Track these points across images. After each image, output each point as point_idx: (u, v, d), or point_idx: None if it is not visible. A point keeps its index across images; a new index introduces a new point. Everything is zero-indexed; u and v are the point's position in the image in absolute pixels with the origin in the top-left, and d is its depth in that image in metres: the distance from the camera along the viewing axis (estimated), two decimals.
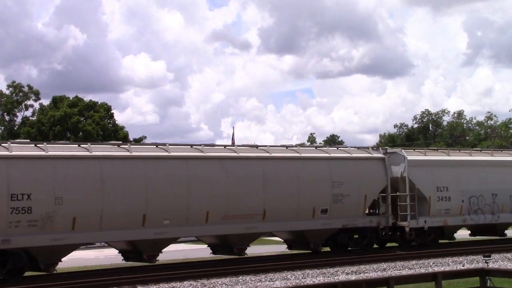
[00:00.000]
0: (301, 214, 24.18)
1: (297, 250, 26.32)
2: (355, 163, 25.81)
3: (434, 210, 27.10)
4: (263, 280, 19.12)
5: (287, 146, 26.08)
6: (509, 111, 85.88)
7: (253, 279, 19.28)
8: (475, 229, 30.65)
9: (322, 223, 24.61)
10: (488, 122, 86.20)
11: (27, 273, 20.35)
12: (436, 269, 20.55)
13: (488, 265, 19.28)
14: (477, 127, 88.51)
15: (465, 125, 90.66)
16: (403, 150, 27.47)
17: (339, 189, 24.93)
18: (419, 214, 26.64)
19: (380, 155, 26.85)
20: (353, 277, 19.36)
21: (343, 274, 20.03)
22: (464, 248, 25.80)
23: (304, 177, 24.30)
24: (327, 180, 24.78)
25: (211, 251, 24.73)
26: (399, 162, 27.01)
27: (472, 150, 31.40)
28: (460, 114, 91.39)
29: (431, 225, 27.01)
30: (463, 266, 21.42)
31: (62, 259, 20.38)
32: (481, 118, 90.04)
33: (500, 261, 22.11)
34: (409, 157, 26.94)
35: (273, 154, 24.04)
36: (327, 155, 25.56)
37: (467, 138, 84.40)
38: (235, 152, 23.46)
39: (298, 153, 24.88)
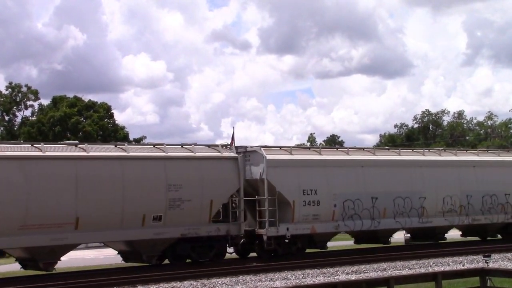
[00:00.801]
0: (128, 222, 21.28)
1: (134, 262, 23.51)
2: (198, 164, 23.01)
3: (299, 216, 24.11)
4: (263, 280, 19.13)
5: (154, 145, 23.41)
6: (510, 110, 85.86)
7: (253, 279, 19.29)
8: (356, 236, 28.18)
9: (155, 232, 21.82)
10: (488, 122, 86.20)
11: (26, 273, 20.36)
12: (436, 269, 20.55)
13: (488, 265, 19.28)
14: (477, 127, 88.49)
15: (465, 125, 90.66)
16: (262, 149, 24.44)
17: (177, 193, 22.13)
18: (281, 221, 23.85)
19: (231, 155, 23.99)
20: (353, 277, 19.37)
21: (343, 274, 20.04)
22: (464, 248, 25.81)
23: (130, 180, 21.45)
24: (162, 182, 21.97)
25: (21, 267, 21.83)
26: (258, 162, 24.17)
27: (350, 149, 27.71)
28: (460, 114, 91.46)
29: (295, 232, 24.09)
30: (463, 266, 21.42)
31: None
32: (481, 118, 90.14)
33: (500, 261, 22.11)
34: (269, 157, 24.03)
35: (90, 153, 21.16)
36: (162, 154, 22.56)
37: (467, 138, 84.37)
38: (41, 151, 20.52)
39: (125, 151, 22.05)
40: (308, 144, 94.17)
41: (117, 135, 63.88)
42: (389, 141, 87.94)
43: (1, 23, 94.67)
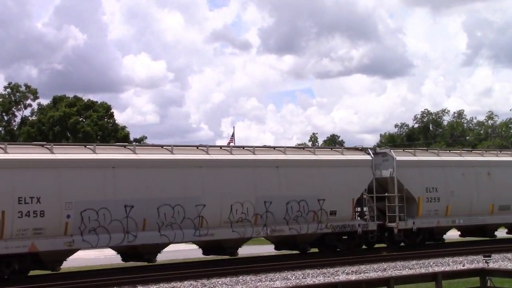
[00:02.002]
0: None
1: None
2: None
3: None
4: (263, 280, 19.14)
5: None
6: (510, 110, 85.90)
7: (253, 279, 19.30)
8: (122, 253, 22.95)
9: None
10: (489, 122, 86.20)
11: (30, 273, 20.33)
12: (436, 269, 20.55)
13: (488, 265, 19.29)
14: (477, 127, 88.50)
15: (465, 125, 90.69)
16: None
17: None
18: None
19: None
20: (353, 277, 19.37)
21: (343, 274, 20.04)
22: (464, 248, 25.82)
23: None
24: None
25: None
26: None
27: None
28: (460, 114, 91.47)
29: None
30: (463, 266, 21.43)
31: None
32: (480, 118, 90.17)
33: (500, 261, 22.12)
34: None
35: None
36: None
37: (467, 138, 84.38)
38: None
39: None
40: (310, 144, 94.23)
41: (117, 135, 63.86)
42: (389, 141, 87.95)
43: (1, 23, 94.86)
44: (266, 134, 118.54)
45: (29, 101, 69.36)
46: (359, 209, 26.40)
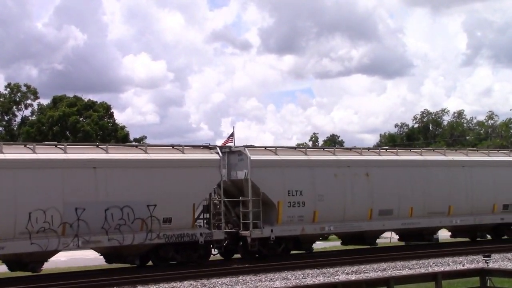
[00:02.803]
0: None
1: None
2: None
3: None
4: (263, 280, 19.14)
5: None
6: (510, 110, 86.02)
7: (253, 279, 19.29)
8: None
9: None
10: (489, 121, 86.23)
11: (26, 273, 20.32)
12: (436, 269, 20.55)
13: (488, 265, 19.30)
14: (477, 127, 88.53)
15: (465, 124, 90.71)
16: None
17: None
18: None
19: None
20: (353, 277, 19.37)
21: (343, 274, 20.04)
22: (464, 248, 25.82)
23: None
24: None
25: None
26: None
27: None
28: (460, 114, 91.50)
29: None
30: (463, 266, 21.42)
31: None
32: (480, 118, 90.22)
33: (500, 261, 22.12)
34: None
35: None
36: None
37: (467, 138, 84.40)
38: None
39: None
40: (311, 143, 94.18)
41: (117, 134, 63.86)
42: (389, 141, 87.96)
43: (1, 23, 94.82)
44: (266, 134, 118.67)
45: (29, 101, 69.37)
46: (207, 215, 23.16)
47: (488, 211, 29.10)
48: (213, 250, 23.22)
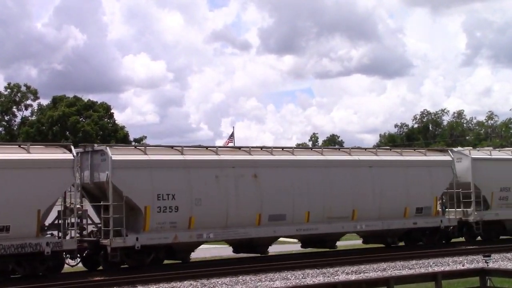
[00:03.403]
0: None
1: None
2: None
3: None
4: (263, 280, 19.13)
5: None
6: (510, 110, 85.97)
7: (253, 279, 19.28)
8: None
9: None
10: (489, 122, 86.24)
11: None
12: (436, 269, 20.54)
13: (488, 265, 19.28)
14: (477, 127, 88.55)
15: (465, 125, 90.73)
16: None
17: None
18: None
19: None
20: (353, 277, 19.36)
21: (343, 274, 20.03)
22: (464, 248, 25.81)
23: None
24: None
25: None
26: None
27: None
28: (460, 114, 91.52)
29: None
30: (463, 266, 21.41)
31: None
32: (480, 118, 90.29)
33: (500, 261, 22.11)
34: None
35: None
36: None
37: (467, 138, 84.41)
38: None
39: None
40: (310, 143, 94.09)
41: (117, 134, 63.88)
42: (389, 141, 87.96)
43: (1, 23, 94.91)
44: (265, 134, 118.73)
45: (29, 101, 69.40)
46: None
47: (399, 215, 26.57)
48: (70, 261, 20.95)
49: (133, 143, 60.43)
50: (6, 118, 69.54)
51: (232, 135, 51.51)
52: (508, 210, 29.33)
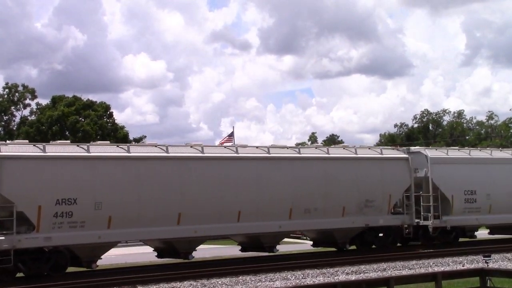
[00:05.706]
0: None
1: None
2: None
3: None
4: (263, 280, 19.13)
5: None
6: (510, 110, 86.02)
7: (253, 279, 19.29)
8: None
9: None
10: (489, 121, 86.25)
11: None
12: (436, 269, 20.55)
13: (488, 265, 19.28)
14: (477, 127, 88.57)
15: (465, 124, 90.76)
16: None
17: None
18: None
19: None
20: (353, 277, 19.36)
21: (343, 274, 20.03)
22: (464, 248, 25.80)
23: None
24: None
25: None
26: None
27: None
28: (460, 113, 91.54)
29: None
30: (463, 266, 21.43)
31: None
32: (480, 118, 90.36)
33: (500, 261, 22.12)
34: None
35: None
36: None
37: (467, 137, 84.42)
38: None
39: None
40: (309, 143, 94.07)
41: (116, 134, 63.85)
42: (389, 141, 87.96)
43: (1, 23, 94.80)
44: (265, 134, 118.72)
45: (28, 101, 69.39)
46: None
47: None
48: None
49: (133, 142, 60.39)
50: (5, 118, 69.53)
51: (232, 135, 51.49)
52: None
